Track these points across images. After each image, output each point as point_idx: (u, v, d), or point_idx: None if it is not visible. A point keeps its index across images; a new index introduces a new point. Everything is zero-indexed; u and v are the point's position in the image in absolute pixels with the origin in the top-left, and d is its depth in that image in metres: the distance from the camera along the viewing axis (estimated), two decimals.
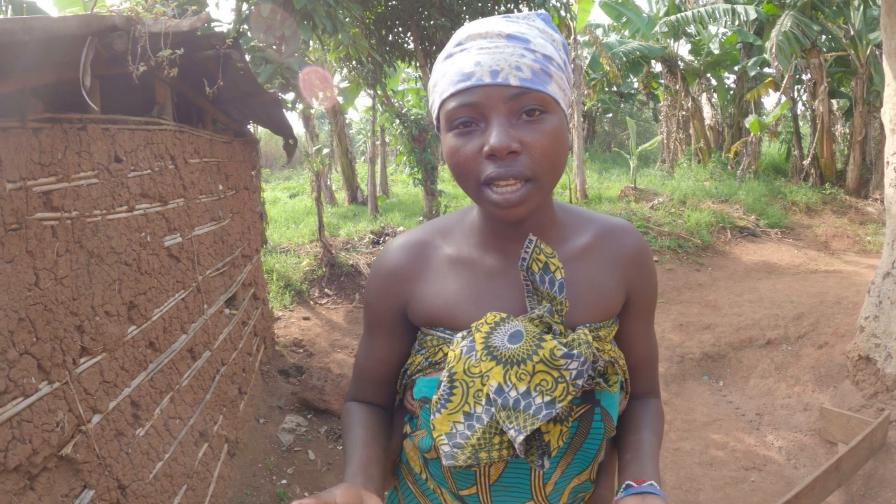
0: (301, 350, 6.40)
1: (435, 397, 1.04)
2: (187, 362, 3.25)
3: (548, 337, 1.00)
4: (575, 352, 0.98)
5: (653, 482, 1.02)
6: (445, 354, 1.09)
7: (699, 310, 7.10)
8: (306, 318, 7.42)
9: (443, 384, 1.03)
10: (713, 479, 4.16)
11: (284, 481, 3.96)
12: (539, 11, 1.07)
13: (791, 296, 6.88)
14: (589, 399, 1.08)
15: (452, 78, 0.98)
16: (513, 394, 0.97)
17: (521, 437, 0.95)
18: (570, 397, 0.97)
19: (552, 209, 1.12)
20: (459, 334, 1.06)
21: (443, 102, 1.00)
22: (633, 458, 1.12)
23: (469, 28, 1.01)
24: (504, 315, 1.03)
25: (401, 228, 10.09)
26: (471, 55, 0.97)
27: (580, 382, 0.98)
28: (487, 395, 0.99)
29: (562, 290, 1.05)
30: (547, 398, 0.97)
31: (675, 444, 4.58)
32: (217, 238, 4.09)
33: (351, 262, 8.70)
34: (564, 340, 1.01)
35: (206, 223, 3.83)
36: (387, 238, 9.70)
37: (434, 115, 1.07)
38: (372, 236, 9.82)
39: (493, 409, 0.98)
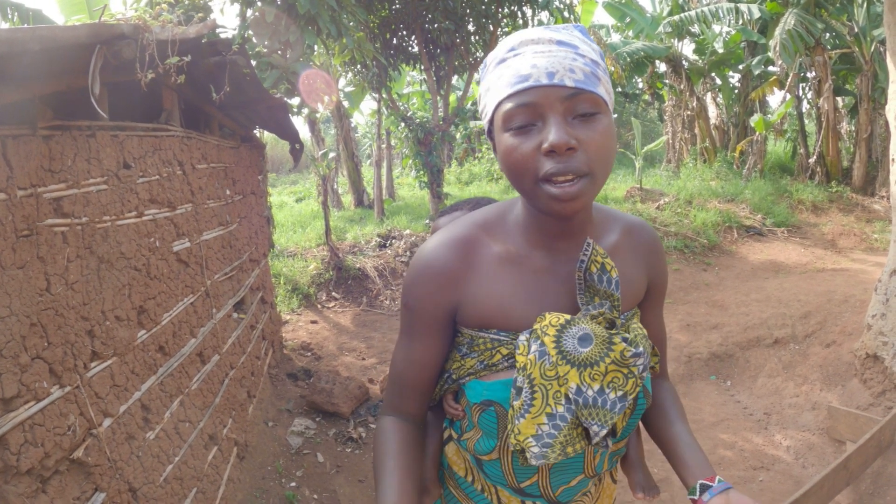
0: (309, 353, 6.42)
1: (517, 403, 1.07)
2: (196, 366, 3.28)
3: (617, 339, 1.07)
4: (641, 349, 1.07)
5: (719, 477, 1.09)
6: (504, 356, 1.12)
7: (706, 309, 7.09)
8: (314, 322, 7.45)
9: (524, 390, 1.06)
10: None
11: (294, 484, 3.98)
12: (576, 24, 1.13)
13: (798, 294, 6.87)
14: None
15: (510, 80, 1.02)
16: (589, 392, 1.05)
17: (603, 432, 1.05)
18: (638, 388, 1.07)
19: (591, 207, 1.16)
20: (523, 337, 1.08)
21: (499, 104, 1.04)
22: (687, 452, 1.16)
23: (519, 36, 1.06)
24: (567, 316, 1.07)
25: (407, 231, 10.11)
26: (526, 59, 1.01)
27: (645, 374, 1.08)
28: (566, 395, 1.05)
29: (618, 287, 1.10)
30: (619, 393, 1.05)
31: None
32: (225, 243, 4.12)
33: (358, 265, 8.73)
34: (629, 337, 1.08)
35: (214, 228, 3.86)
36: (393, 241, 9.72)
37: (487, 118, 1.10)
38: (379, 240, 9.84)
39: (573, 408, 1.05)
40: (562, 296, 1.12)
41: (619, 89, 18.14)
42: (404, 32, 10.30)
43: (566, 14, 10.53)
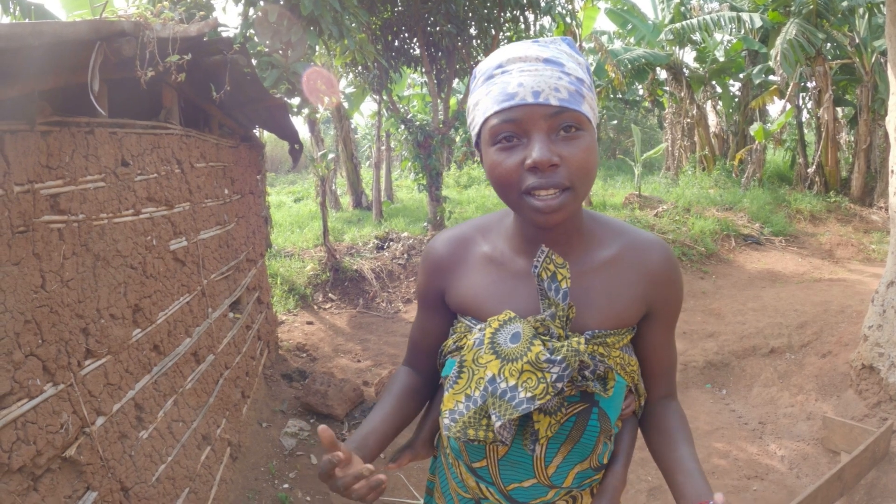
0: (304, 354, 6.41)
1: (448, 378, 1.20)
2: (191, 366, 3.26)
3: (537, 342, 1.12)
4: (557, 358, 1.10)
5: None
6: None
7: (703, 318, 7.09)
8: (310, 323, 7.43)
9: (454, 368, 1.19)
10: (715, 487, 4.15)
11: (286, 485, 3.96)
12: (564, 37, 1.18)
13: (795, 304, 6.87)
14: (588, 399, 1.18)
15: (497, 97, 1.07)
16: (503, 385, 1.11)
17: (498, 423, 1.09)
18: (548, 396, 1.09)
19: (581, 219, 1.22)
20: (477, 326, 1.21)
21: (486, 119, 1.09)
22: (686, 478, 1.17)
23: (507, 52, 1.10)
24: (513, 315, 1.16)
25: (405, 234, 10.10)
26: (513, 77, 1.06)
27: (560, 385, 1.09)
28: (486, 383, 1.13)
29: (565, 298, 1.15)
30: (529, 394, 1.09)
31: None
32: (222, 242, 4.11)
33: (355, 267, 8.72)
34: (552, 346, 1.12)
35: (211, 227, 3.85)
36: (391, 243, 9.71)
37: (475, 131, 1.16)
38: (376, 241, 9.83)
39: (486, 395, 1.12)
40: (531, 299, 1.19)
41: (620, 96, 18.18)
42: (406, 35, 10.30)
43: (568, 20, 10.53)
